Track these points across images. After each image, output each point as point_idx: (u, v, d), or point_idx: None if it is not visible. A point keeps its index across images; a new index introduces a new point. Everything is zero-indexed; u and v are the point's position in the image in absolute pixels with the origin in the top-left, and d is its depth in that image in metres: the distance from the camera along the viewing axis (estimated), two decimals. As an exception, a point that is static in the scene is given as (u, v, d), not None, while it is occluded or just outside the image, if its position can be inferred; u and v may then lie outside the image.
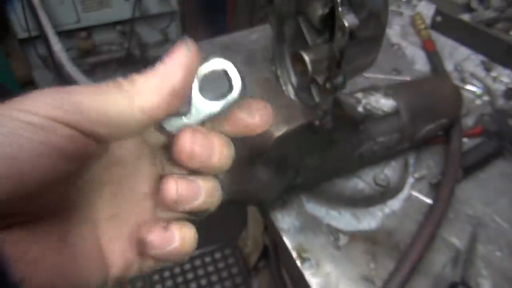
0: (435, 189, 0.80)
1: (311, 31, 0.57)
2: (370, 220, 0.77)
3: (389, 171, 0.80)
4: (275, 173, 0.68)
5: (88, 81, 2.04)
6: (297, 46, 0.59)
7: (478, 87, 1.01)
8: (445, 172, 0.76)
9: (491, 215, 0.77)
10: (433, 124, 0.78)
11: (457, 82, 1.02)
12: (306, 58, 0.55)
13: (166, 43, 2.25)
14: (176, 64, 0.29)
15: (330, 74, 0.49)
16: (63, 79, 2.03)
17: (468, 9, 1.19)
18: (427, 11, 1.24)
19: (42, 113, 0.22)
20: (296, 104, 0.61)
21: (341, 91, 0.50)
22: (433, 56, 1.06)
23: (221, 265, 2.01)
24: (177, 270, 1.96)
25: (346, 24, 0.42)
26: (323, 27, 0.56)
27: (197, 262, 2.00)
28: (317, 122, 0.56)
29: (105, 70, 2.19)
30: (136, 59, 2.19)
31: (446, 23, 1.15)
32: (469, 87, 1.00)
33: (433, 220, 0.69)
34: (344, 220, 0.76)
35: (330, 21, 0.55)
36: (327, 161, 0.71)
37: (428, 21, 1.18)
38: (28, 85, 2.25)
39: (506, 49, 1.09)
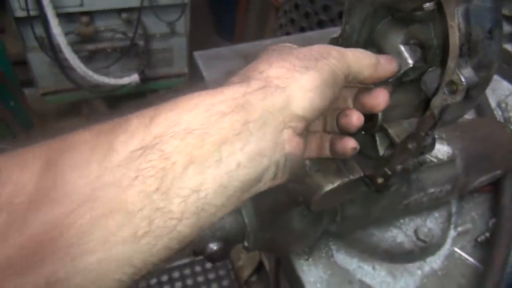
0: (480, 247, 0.71)
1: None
2: (408, 279, 0.67)
3: (431, 223, 0.70)
4: (311, 224, 0.58)
5: (86, 68, 1.91)
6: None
7: (526, 129, 0.92)
8: (499, 232, 0.66)
9: (543, 284, 0.68)
10: (487, 175, 0.69)
11: (500, 120, 0.93)
12: (377, 102, 0.44)
13: (172, 36, 2.12)
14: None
15: (419, 133, 0.39)
16: (59, 64, 1.89)
17: (513, 39, 1.10)
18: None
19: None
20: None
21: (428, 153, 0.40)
22: (475, 88, 0.96)
23: (211, 275, 1.91)
24: (164, 278, 1.86)
25: (464, 81, 0.32)
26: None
27: (187, 271, 1.89)
28: (380, 180, 0.46)
29: (105, 59, 2.05)
30: (139, 50, 2.06)
31: (488, 53, 1.05)
32: (516, 126, 0.91)
33: (487, 292, 0.60)
34: (378, 277, 0.67)
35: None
36: (369, 212, 0.61)
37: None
38: (19, 65, 2.10)
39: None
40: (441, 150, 0.65)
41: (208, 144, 0.29)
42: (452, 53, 0.32)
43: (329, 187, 0.48)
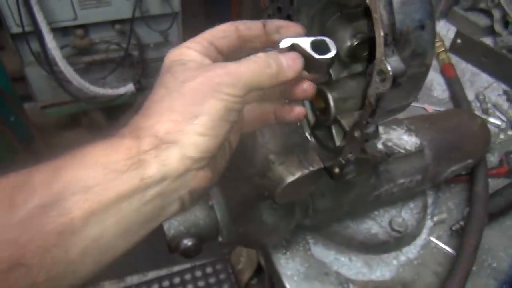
0: (456, 235, 0.73)
1: (335, 62, 0.49)
2: (384, 269, 0.69)
3: (406, 214, 0.72)
4: (282, 217, 0.60)
5: (82, 80, 1.95)
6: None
7: (502, 120, 0.93)
8: (470, 220, 0.67)
9: (518, 269, 0.70)
10: (458, 165, 0.70)
11: (478, 113, 0.94)
12: (330, 96, 0.47)
13: (166, 45, 2.16)
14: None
15: (361, 121, 0.41)
16: (56, 77, 1.93)
17: (491, 32, 1.11)
18: (446, 31, 1.17)
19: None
20: (312, 144, 0.53)
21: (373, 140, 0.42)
22: (453, 82, 0.98)
23: (212, 280, 1.92)
24: (166, 283, 1.88)
25: (390, 69, 0.34)
26: (351, 60, 0.48)
27: (187, 276, 1.91)
28: (336, 170, 0.48)
29: (101, 70, 2.10)
30: (134, 60, 2.10)
31: (467, 47, 1.07)
32: (492, 119, 0.92)
33: (456, 278, 0.61)
34: (355, 268, 0.68)
35: (360, 53, 0.47)
36: (340, 204, 0.63)
37: (448, 43, 1.10)
38: (18, 80, 2.15)
39: (531, 79, 1.01)
40: (410, 141, 0.66)
41: (107, 199, 0.31)
42: (378, 44, 0.35)
43: (290, 179, 0.50)
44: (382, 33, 0.34)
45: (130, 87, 2.09)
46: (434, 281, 0.67)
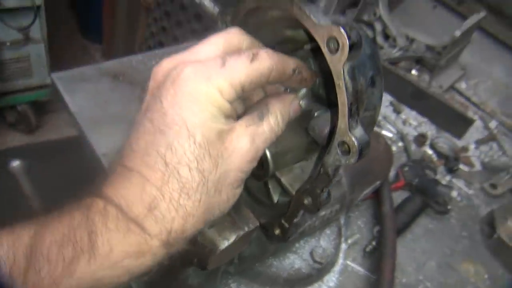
0: (368, 256, 0.75)
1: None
2: (308, 302, 0.67)
3: (324, 241, 0.71)
4: (208, 275, 0.53)
5: None
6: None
7: (392, 132, 0.99)
8: (384, 243, 0.70)
9: (424, 281, 0.74)
10: (370, 188, 0.72)
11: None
12: (267, 151, 0.41)
13: (26, 43, 1.85)
14: None
15: (314, 191, 0.36)
16: None
17: (375, 45, 1.18)
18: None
19: None
20: (243, 198, 0.47)
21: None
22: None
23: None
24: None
25: (356, 144, 0.30)
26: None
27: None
28: (277, 231, 0.43)
29: None
30: (-14, 61, 1.75)
31: (355, 59, 1.12)
32: (384, 132, 0.98)
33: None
34: (281, 307, 0.65)
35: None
36: (266, 249, 0.59)
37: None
38: None
39: (411, 91, 1.10)
40: (328, 172, 0.65)
41: None
42: (342, 114, 0.30)
43: (224, 244, 0.43)
44: (347, 103, 0.29)
45: (-18, 94, 1.74)
46: (355, 306, 0.68)
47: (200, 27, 1.16)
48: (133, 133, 0.35)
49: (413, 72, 1.16)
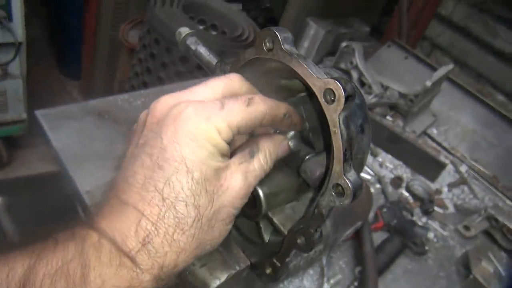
0: (351, 297, 0.76)
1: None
2: None
3: (308, 282, 0.72)
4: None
5: None
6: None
7: (370, 175, 1.03)
8: (366, 282, 0.71)
9: (404, 323, 0.76)
10: (351, 229, 0.74)
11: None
12: (260, 191, 0.43)
13: (4, 79, 1.83)
14: None
15: (308, 230, 0.38)
16: None
17: (352, 91, 1.24)
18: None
19: None
20: (234, 236, 0.48)
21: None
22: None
23: None
24: None
25: (351, 186, 0.32)
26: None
27: None
28: (268, 270, 0.44)
29: None
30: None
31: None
32: (362, 174, 1.01)
33: None
34: None
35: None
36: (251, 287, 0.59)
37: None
38: None
39: (387, 135, 1.16)
40: (312, 212, 0.67)
41: None
42: (337, 158, 0.33)
43: (216, 283, 0.44)
44: (342, 149, 0.32)
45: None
46: None
47: (185, 69, 1.19)
48: (129, 166, 0.36)
49: (388, 117, 1.23)
